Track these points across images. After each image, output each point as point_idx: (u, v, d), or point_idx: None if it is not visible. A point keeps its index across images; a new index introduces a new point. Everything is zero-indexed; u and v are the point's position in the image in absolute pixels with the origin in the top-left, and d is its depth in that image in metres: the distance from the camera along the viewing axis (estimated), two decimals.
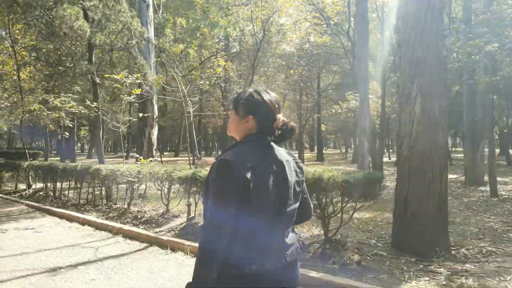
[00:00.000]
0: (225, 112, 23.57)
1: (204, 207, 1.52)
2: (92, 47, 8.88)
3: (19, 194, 11.07)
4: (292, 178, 1.57)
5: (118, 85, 7.80)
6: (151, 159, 7.20)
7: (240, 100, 1.62)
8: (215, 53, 21.17)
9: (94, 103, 7.87)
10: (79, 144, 63.79)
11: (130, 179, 7.31)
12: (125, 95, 8.09)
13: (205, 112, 33.18)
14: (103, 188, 8.52)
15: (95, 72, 8.68)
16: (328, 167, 5.25)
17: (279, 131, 1.57)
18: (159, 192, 7.18)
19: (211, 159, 37.94)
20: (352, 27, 18.04)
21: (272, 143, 1.60)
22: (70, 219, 7.28)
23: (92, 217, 7.10)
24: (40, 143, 57.17)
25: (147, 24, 14.11)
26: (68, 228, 6.67)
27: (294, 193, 1.57)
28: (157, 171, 6.92)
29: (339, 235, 4.94)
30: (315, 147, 40.82)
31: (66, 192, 9.91)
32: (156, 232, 6.05)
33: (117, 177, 7.61)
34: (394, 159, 26.80)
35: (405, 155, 4.92)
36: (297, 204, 1.60)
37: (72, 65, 10.12)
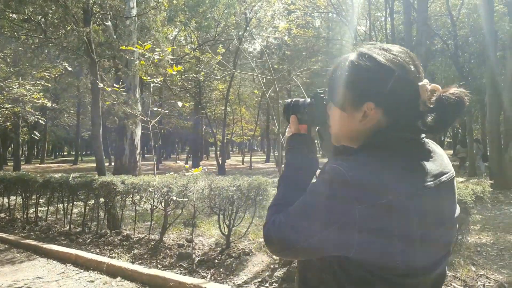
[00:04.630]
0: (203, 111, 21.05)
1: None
2: (90, 13, 6.17)
3: None
4: (451, 209, 0.90)
5: (142, 62, 5.40)
6: (201, 168, 4.86)
7: (337, 81, 0.85)
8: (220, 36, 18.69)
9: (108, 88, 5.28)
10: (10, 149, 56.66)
11: (173, 197, 4.90)
12: (148, 77, 5.67)
13: (165, 111, 30.14)
14: (110, 210, 5.95)
15: (93, 46, 6.01)
16: None
17: (433, 113, 0.80)
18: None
19: (171, 163, 34.39)
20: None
21: (425, 141, 0.88)
22: (83, 264, 4.62)
23: (122, 261, 4.51)
24: None
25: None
26: (89, 283, 4.08)
27: (451, 234, 0.91)
28: (226, 185, 4.62)
29: None
30: None
31: (40, 213, 7.13)
32: None
33: (148, 194, 5.16)
34: None
35: None
36: (451, 247, 0.95)
37: (45, 37, 7.15)
